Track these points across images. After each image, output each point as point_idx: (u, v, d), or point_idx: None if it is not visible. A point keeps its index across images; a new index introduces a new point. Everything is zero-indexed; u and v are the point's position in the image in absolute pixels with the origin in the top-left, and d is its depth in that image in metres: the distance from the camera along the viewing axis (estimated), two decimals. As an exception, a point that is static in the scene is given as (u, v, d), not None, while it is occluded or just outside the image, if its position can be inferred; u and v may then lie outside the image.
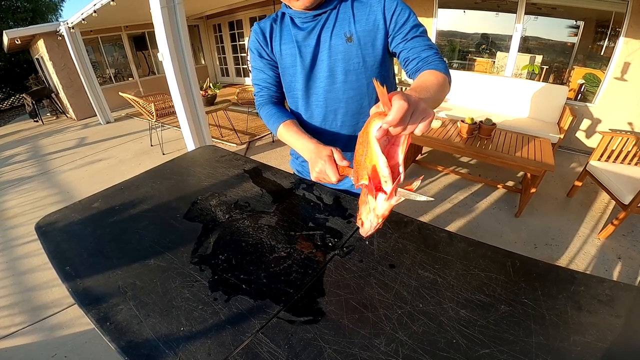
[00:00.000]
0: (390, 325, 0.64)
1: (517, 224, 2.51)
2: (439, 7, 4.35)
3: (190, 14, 7.94)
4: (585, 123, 3.78)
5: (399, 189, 0.56)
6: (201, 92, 3.56)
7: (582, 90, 3.80)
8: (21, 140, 6.42)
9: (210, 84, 4.46)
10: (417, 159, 3.44)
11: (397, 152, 0.54)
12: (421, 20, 4.42)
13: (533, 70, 4.02)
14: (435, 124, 2.92)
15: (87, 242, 0.97)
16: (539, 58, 4.09)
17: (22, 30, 6.58)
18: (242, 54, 9.04)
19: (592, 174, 2.56)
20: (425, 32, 0.91)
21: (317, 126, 1.06)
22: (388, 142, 0.55)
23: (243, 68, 9.34)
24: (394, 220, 0.94)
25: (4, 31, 6.60)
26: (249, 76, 9.15)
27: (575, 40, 3.90)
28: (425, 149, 3.74)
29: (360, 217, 0.64)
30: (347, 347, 0.61)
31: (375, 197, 0.56)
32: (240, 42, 8.94)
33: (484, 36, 4.54)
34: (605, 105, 3.61)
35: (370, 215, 0.60)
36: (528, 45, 4.14)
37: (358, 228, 0.67)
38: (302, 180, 1.19)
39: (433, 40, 4.50)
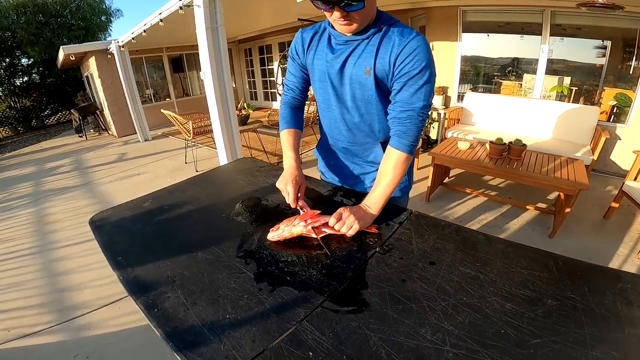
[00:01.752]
0: (434, 316, 0.65)
1: (552, 245, 2.41)
2: (463, 31, 4.42)
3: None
4: (619, 145, 3.62)
5: (312, 227, 0.91)
6: (236, 111, 3.75)
7: (614, 111, 3.69)
8: (66, 153, 6.90)
9: (245, 104, 4.67)
10: (444, 181, 3.40)
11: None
12: (445, 45, 4.48)
13: (562, 91, 3.95)
14: (463, 145, 2.90)
15: (137, 237, 1.04)
16: (567, 80, 4.01)
17: (77, 46, 7.07)
18: (271, 78, 9.38)
19: (629, 194, 2.45)
20: (428, 86, 0.94)
21: (328, 133, 1.25)
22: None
23: (271, 92, 9.69)
24: (431, 225, 0.95)
25: (60, 47, 7.04)
26: (276, 100, 9.47)
27: (603, 60, 3.81)
28: (452, 172, 3.70)
29: (279, 225, 0.93)
30: (393, 335, 0.62)
31: (300, 222, 0.91)
32: (269, 67, 9.32)
33: (510, 59, 4.55)
34: (638, 125, 3.48)
35: (287, 228, 0.91)
36: (555, 67, 4.09)
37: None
38: (339, 189, 1.23)
39: (458, 64, 4.56)
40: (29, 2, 10.52)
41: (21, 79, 12.27)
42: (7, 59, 11.47)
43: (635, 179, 2.47)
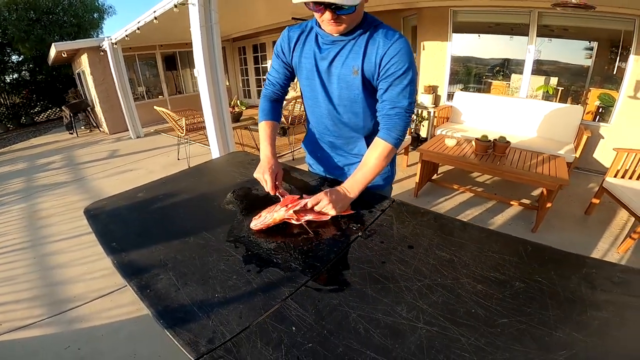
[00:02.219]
0: (410, 295, 0.70)
1: (534, 239, 2.48)
2: (454, 31, 4.49)
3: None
4: (602, 143, 3.73)
5: (293, 211, 0.95)
6: (229, 108, 3.77)
7: (599, 111, 3.79)
8: (57, 150, 6.83)
9: (238, 102, 4.70)
10: (432, 178, 3.48)
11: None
12: (435, 45, 4.55)
13: (547, 91, 4.06)
14: (450, 142, 2.97)
15: (132, 224, 1.07)
16: (554, 80, 4.12)
17: (69, 43, 7.07)
18: (264, 76, 9.44)
19: (609, 190, 2.54)
20: (411, 86, 1.01)
21: (315, 127, 1.30)
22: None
23: (265, 90, 9.72)
24: (412, 212, 1.00)
25: (52, 44, 6.96)
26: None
27: (590, 61, 3.92)
28: (441, 170, 3.78)
29: (261, 213, 0.97)
30: (371, 312, 0.67)
31: (281, 207, 0.95)
32: (263, 65, 9.34)
33: (499, 59, 4.64)
34: (620, 124, 3.57)
35: (269, 215, 0.95)
36: (544, 67, 4.18)
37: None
38: (325, 179, 1.28)
39: (448, 64, 4.64)
40: None
41: (11, 76, 12.10)
42: None
43: (615, 176, 2.56)
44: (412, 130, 4.84)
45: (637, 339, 0.61)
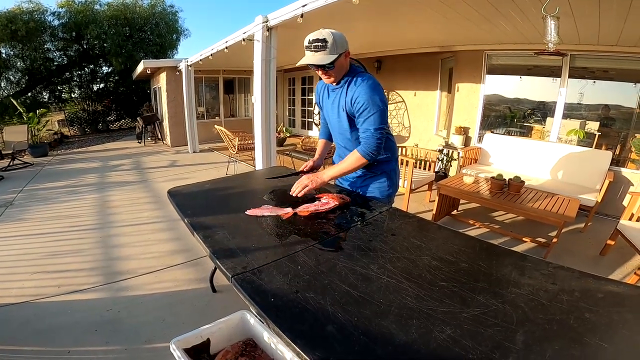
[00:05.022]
0: (383, 260, 1.00)
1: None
2: (487, 73, 4.62)
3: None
4: (632, 190, 3.53)
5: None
6: (275, 133, 4.29)
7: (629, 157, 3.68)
8: (126, 154, 7.90)
9: (284, 128, 5.28)
10: (452, 213, 3.64)
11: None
12: (469, 86, 4.80)
13: (578, 135, 3.99)
14: (468, 180, 3.18)
15: (200, 202, 1.50)
16: (594, 124, 3.98)
17: (154, 61, 8.20)
18: (310, 108, 10.10)
19: (622, 232, 2.56)
20: (375, 115, 1.38)
21: (336, 149, 1.80)
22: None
23: (308, 121, 10.35)
24: (402, 215, 1.31)
25: (142, 60, 8.04)
26: (312, 129, 10.11)
27: (635, 104, 3.71)
28: (462, 207, 3.92)
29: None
30: (353, 266, 0.98)
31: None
32: (309, 97, 10.00)
33: (534, 101, 4.61)
34: None
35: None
36: (582, 110, 4.07)
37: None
38: (343, 189, 1.64)
39: (480, 106, 4.77)
40: (121, 14, 11.83)
41: (98, 85, 13.81)
42: (92, 66, 13.03)
43: (630, 219, 2.60)
44: (440, 169, 5.01)
45: (539, 310, 0.81)
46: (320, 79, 1.56)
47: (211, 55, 5.56)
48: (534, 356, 0.65)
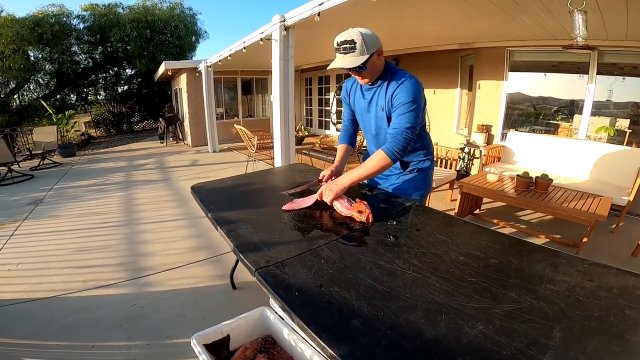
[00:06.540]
0: (408, 256, 0.98)
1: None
2: (510, 70, 4.48)
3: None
4: None
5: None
6: (294, 131, 4.31)
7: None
8: (150, 154, 8.16)
9: (302, 127, 5.30)
10: (475, 212, 3.54)
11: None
12: (491, 84, 4.63)
13: (608, 133, 3.79)
14: (492, 177, 3.08)
15: (223, 197, 1.52)
16: (624, 122, 3.81)
17: (175, 63, 8.43)
18: (327, 108, 10.10)
19: None
20: (410, 113, 1.32)
21: (368, 147, 1.74)
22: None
23: (325, 120, 10.36)
24: (426, 211, 1.29)
25: (163, 62, 8.23)
26: (329, 129, 10.11)
27: None
28: (485, 206, 3.81)
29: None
30: (377, 260, 0.97)
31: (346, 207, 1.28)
32: (326, 96, 10.02)
33: (560, 99, 4.43)
34: None
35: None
36: (611, 108, 3.90)
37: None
38: (372, 188, 1.63)
39: (503, 103, 4.64)
40: (142, 17, 12.21)
41: (123, 87, 14.29)
42: (115, 68, 13.48)
43: None
44: (462, 169, 4.90)
45: (576, 306, 0.77)
46: (350, 75, 1.53)
47: (230, 55, 5.65)
48: (572, 352, 0.62)
